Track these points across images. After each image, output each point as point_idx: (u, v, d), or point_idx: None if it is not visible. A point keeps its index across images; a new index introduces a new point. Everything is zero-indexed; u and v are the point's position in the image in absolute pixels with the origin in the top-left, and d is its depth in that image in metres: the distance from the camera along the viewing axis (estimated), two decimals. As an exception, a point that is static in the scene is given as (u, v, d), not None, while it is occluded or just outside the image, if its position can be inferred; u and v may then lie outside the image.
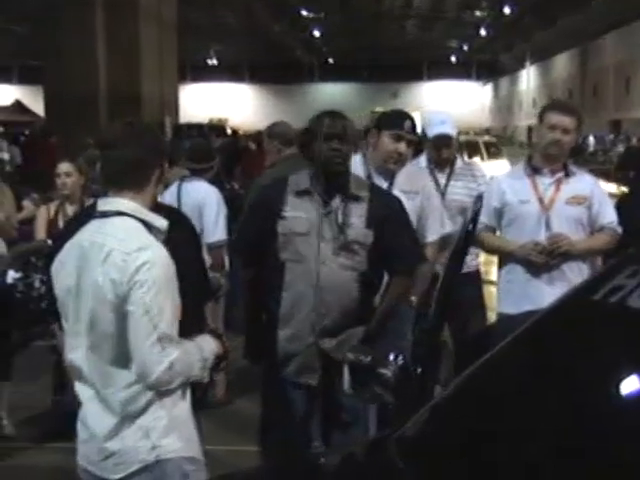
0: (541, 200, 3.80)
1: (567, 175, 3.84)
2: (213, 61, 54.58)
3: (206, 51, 49.71)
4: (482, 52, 54.72)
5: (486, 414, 1.92)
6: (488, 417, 1.91)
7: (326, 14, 41.34)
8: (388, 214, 3.29)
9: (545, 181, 3.83)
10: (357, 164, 3.70)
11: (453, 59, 57.34)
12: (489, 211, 3.88)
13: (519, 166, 3.99)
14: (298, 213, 3.22)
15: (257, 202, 3.56)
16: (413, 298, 3.77)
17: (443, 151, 4.40)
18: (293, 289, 3.21)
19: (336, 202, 3.23)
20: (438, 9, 40.28)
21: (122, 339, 2.23)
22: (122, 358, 2.26)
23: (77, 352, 2.36)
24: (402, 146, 3.67)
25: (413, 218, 3.62)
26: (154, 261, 2.22)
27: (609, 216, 3.82)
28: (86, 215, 2.68)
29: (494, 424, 1.87)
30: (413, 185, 3.81)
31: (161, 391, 2.27)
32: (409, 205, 3.61)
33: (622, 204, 4.12)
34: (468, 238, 2.48)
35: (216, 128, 24.26)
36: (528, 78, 52.90)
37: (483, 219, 3.86)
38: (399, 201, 3.49)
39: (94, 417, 2.34)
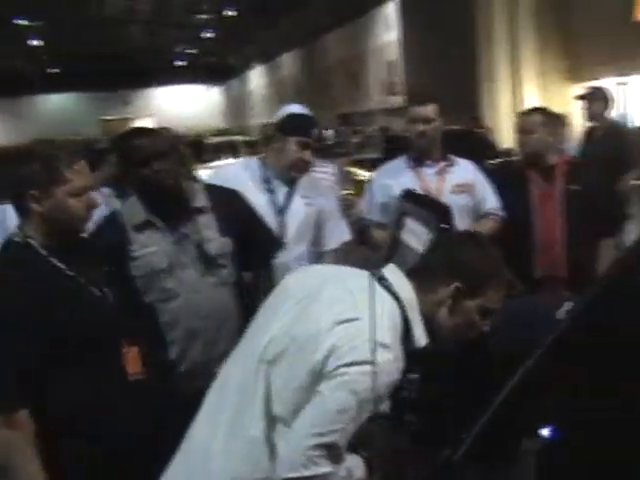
0: (428, 191, 3.74)
1: (450, 164, 3.82)
2: None
3: None
4: (209, 55, 55.00)
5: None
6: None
7: (45, 21, 39.20)
8: (235, 212, 3.09)
9: (429, 171, 3.79)
10: (254, 168, 3.50)
11: (181, 63, 57.06)
12: (376, 207, 3.80)
13: (399, 160, 3.92)
14: (150, 249, 2.89)
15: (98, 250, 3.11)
16: None
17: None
18: (175, 330, 2.92)
19: (182, 224, 2.95)
20: (161, 13, 39.79)
21: (298, 400, 1.84)
22: (289, 410, 1.87)
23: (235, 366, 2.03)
24: (308, 154, 3.53)
25: (312, 223, 3.50)
26: (384, 370, 1.81)
27: (492, 201, 3.84)
28: None
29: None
30: (314, 190, 3.65)
31: None
32: (308, 210, 3.50)
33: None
34: None
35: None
36: (257, 78, 54.00)
37: (371, 217, 3.78)
38: (238, 193, 3.29)
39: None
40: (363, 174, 12.89)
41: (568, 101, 25.01)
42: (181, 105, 54.11)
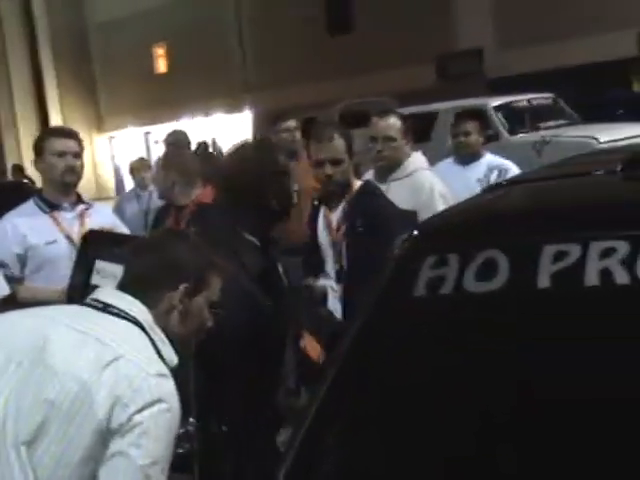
0: (69, 237, 3.47)
1: (87, 207, 3.58)
2: None
3: None
4: None
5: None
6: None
7: None
8: None
9: (67, 216, 3.51)
10: None
11: None
12: (11, 259, 3.35)
13: (28, 204, 3.57)
14: None
15: None
16: None
17: None
18: None
19: None
20: None
21: (83, 474, 1.55)
22: None
23: None
24: None
25: None
26: (175, 402, 1.62)
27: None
28: None
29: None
30: None
31: None
32: None
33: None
34: None
35: None
36: None
37: (7, 271, 3.35)
38: None
39: None
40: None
41: (95, 149, 25.28)
42: None
